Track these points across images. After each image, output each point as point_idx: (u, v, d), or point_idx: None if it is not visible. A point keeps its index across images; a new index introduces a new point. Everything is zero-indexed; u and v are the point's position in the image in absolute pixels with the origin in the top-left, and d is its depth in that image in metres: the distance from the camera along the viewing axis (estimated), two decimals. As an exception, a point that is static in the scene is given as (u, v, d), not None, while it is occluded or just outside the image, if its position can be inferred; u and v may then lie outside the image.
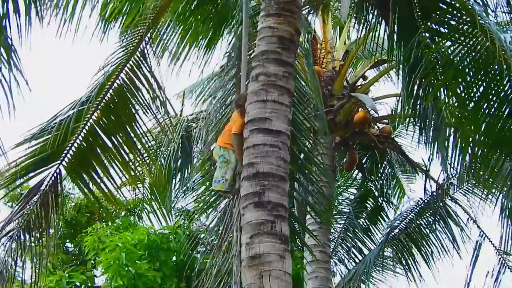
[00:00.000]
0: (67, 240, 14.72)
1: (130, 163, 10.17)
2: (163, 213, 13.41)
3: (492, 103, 9.08)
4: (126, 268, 11.67)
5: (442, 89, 10.51)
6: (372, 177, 15.23)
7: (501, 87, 8.93)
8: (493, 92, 9.03)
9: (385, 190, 15.55)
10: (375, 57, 13.85)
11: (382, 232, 15.49)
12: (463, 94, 9.67)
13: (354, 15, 13.44)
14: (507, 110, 8.98)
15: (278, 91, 7.06)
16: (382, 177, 15.49)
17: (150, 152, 10.46)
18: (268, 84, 7.07)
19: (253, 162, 6.82)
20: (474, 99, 9.49)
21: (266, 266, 6.40)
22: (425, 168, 13.62)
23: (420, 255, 14.37)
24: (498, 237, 13.52)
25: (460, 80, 9.59)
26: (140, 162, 10.37)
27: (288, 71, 7.16)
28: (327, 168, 11.32)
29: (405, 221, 14.54)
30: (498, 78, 8.93)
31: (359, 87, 13.46)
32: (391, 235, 14.45)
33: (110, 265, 11.77)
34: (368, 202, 15.67)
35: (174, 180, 13.73)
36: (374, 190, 15.62)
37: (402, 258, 14.48)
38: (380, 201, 15.59)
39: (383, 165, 15.37)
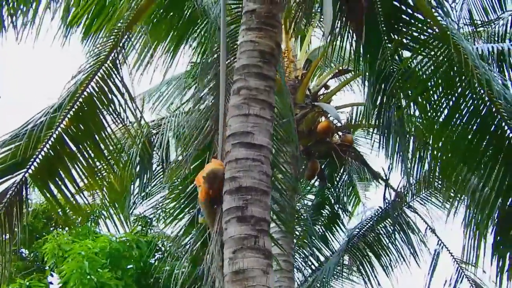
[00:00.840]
0: (21, 247, 14.48)
1: (96, 170, 10.12)
2: (121, 220, 13.37)
3: (459, 116, 9.27)
4: (89, 277, 11.52)
5: (405, 99, 10.76)
6: (329, 184, 15.43)
7: (470, 101, 9.11)
8: (461, 106, 9.21)
9: (341, 198, 15.76)
10: (337, 67, 14.05)
11: (339, 239, 15.70)
12: (428, 106, 9.87)
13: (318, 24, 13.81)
14: (475, 125, 9.15)
15: (260, 105, 7.09)
16: (339, 185, 15.71)
17: (117, 158, 10.36)
18: (250, 98, 7.10)
19: (236, 176, 6.83)
20: (439, 112, 9.70)
21: (250, 282, 6.40)
22: (384, 177, 13.84)
23: (379, 263, 14.57)
24: (456, 247, 13.89)
25: (425, 91, 9.78)
26: (107, 169, 10.29)
27: (269, 85, 7.21)
28: (293, 176, 11.40)
29: (363, 229, 14.73)
30: (466, 91, 9.11)
31: (321, 96, 13.60)
32: (349, 243, 14.64)
33: (72, 274, 11.60)
34: (325, 209, 15.85)
35: (132, 186, 13.71)
36: (331, 198, 15.81)
37: (361, 266, 14.65)
38: (336, 209, 15.78)
39: (340, 173, 15.59)
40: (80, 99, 9.61)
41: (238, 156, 6.91)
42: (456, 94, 9.19)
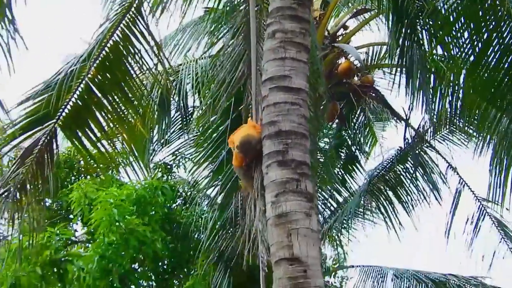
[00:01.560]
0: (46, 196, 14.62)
1: (122, 116, 10.17)
2: (141, 167, 13.47)
3: (490, 54, 9.24)
4: (117, 224, 11.66)
5: (428, 37, 10.74)
6: (346, 126, 15.45)
7: (501, 39, 9.06)
8: (492, 43, 9.17)
9: (358, 139, 15.79)
10: (355, 6, 13.96)
11: (357, 180, 15.77)
12: (455, 48, 9.86)
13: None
14: (506, 64, 9.13)
15: (296, 48, 7.02)
16: (356, 126, 15.73)
17: (142, 105, 10.38)
18: (286, 41, 7.02)
19: (275, 120, 6.82)
20: (467, 51, 9.68)
21: (293, 224, 6.44)
22: (405, 117, 13.84)
23: (399, 203, 14.68)
24: (477, 185, 13.99)
25: (452, 32, 9.74)
26: (133, 115, 10.31)
27: (304, 28, 7.13)
28: (315, 119, 11.47)
29: (383, 170, 14.81)
30: (498, 28, 9.04)
31: (340, 37, 13.53)
32: (370, 184, 14.72)
33: (101, 221, 11.74)
34: (343, 151, 15.90)
35: (151, 133, 13.78)
36: (348, 139, 15.85)
37: (382, 207, 14.78)
38: (354, 149, 15.83)
39: (357, 114, 15.60)
40: (106, 48, 9.57)
41: (276, 100, 6.89)
42: (487, 33, 9.11)
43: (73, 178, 15.06)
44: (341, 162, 15.68)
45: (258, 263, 6.98)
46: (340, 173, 15.75)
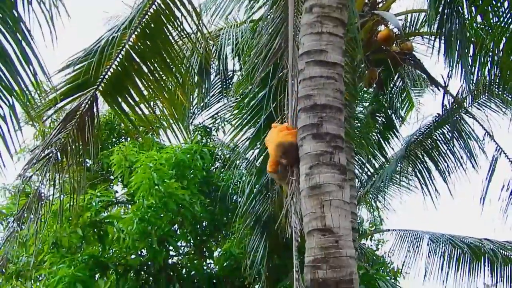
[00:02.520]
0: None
1: (161, 82, 10.33)
2: (180, 130, 13.68)
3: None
4: (156, 187, 11.90)
5: (468, 6, 10.72)
6: (384, 91, 15.45)
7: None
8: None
9: (395, 104, 15.79)
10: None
11: (393, 145, 15.82)
12: (491, 14, 9.86)
13: None
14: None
15: (333, 23, 7.12)
16: (393, 92, 15.73)
17: (181, 70, 10.54)
18: (323, 16, 7.12)
19: (310, 94, 6.96)
20: (502, 19, 9.69)
21: (326, 196, 6.62)
22: (443, 84, 13.81)
23: (436, 169, 14.74)
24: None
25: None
26: (171, 80, 10.48)
27: (341, 2, 7.21)
28: (353, 84, 11.54)
29: (421, 136, 14.86)
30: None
31: (380, 4, 13.49)
32: (407, 149, 14.80)
33: (141, 184, 11.99)
34: (380, 116, 15.92)
35: (191, 96, 13.96)
36: (385, 104, 15.86)
37: (418, 173, 14.86)
38: (390, 114, 15.84)
39: (395, 80, 15.58)
40: (147, 15, 9.72)
41: (312, 74, 7.02)
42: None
43: (114, 140, 15.39)
44: (378, 128, 15.72)
45: (291, 232, 7.14)
46: (376, 138, 15.80)
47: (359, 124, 15.44)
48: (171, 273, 13.37)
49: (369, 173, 15.75)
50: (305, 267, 6.56)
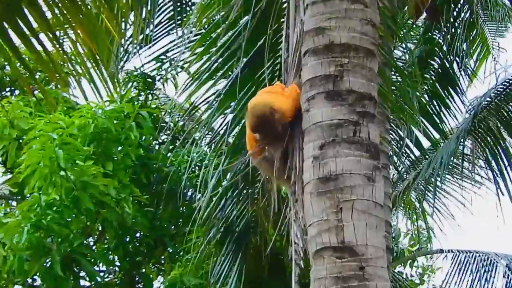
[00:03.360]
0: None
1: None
2: (105, 79, 13.58)
3: None
4: (63, 173, 11.86)
5: None
6: (440, 25, 15.42)
7: None
8: None
9: (458, 46, 15.74)
10: None
11: (455, 115, 15.80)
12: None
13: None
14: None
15: None
16: (456, 26, 15.68)
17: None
18: None
19: (324, 26, 7.02)
20: None
21: (345, 194, 6.68)
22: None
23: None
24: None
25: None
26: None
27: None
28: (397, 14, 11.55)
29: (497, 99, 14.86)
30: None
31: None
32: (474, 120, 14.79)
33: (36, 169, 11.94)
34: (433, 66, 15.90)
35: (124, 24, 13.86)
36: (442, 46, 15.83)
37: (492, 158, 14.87)
38: (449, 62, 15.81)
39: (459, 7, 15.56)
40: None
41: (327, -5, 7.06)
42: None
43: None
44: (430, 84, 15.71)
45: (287, 247, 7.18)
46: (427, 100, 15.77)
47: (399, 78, 15.40)
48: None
49: (411, 158, 15.76)
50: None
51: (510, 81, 14.76)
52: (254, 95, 10.13)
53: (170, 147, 14.67)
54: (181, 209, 14.24)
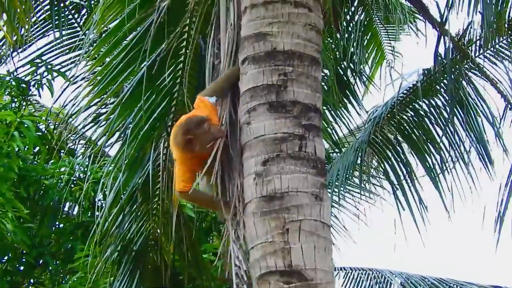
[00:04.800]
0: None
1: None
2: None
3: None
4: None
5: None
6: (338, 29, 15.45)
7: None
8: None
9: (351, 51, 15.77)
10: None
11: (349, 121, 15.80)
12: None
13: None
14: None
15: None
16: (350, 29, 15.71)
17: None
18: None
19: (266, 32, 6.96)
20: None
21: (292, 213, 6.62)
22: (440, 18, 13.89)
23: (421, 163, 14.79)
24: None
25: None
26: None
27: None
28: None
29: (398, 106, 14.88)
30: None
31: None
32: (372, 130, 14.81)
33: None
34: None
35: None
36: (335, 50, 15.87)
37: (390, 169, 14.92)
38: (344, 68, 15.85)
39: (352, 11, 15.59)
40: None
41: (268, -3, 7.01)
42: None
43: None
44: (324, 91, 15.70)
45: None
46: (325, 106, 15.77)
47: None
48: None
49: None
50: None
51: (410, 90, 14.80)
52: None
53: (47, 157, 14.41)
54: (60, 225, 13.95)
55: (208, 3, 8.85)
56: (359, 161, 14.71)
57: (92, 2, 14.87)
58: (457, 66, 14.31)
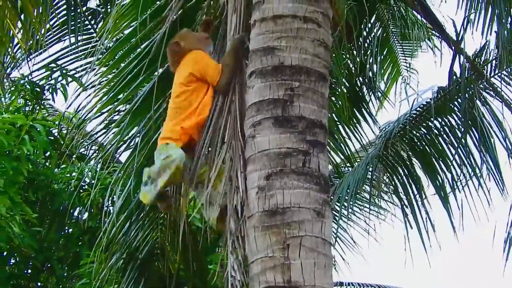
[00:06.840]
0: None
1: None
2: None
3: None
4: None
5: None
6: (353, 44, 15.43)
7: None
8: None
9: (368, 67, 15.76)
10: None
11: (362, 136, 15.78)
12: None
13: None
14: None
15: None
16: (366, 46, 15.70)
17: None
18: None
19: (274, 46, 6.96)
20: None
21: (294, 229, 6.62)
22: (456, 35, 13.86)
23: (430, 181, 14.77)
24: None
25: None
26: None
27: None
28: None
29: (411, 124, 14.86)
30: None
31: None
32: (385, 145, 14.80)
33: None
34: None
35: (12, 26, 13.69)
36: (351, 66, 15.85)
37: (401, 187, 14.88)
38: (360, 84, 15.83)
39: (370, 25, 15.57)
40: None
41: (278, 11, 7.05)
42: None
43: None
44: (336, 107, 15.69)
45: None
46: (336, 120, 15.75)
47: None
48: None
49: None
50: None
51: (424, 107, 14.78)
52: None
53: (59, 162, 14.41)
54: (69, 230, 13.96)
55: (216, 14, 8.82)
56: (369, 176, 14.71)
57: (109, 9, 14.83)
58: (472, 86, 14.23)
